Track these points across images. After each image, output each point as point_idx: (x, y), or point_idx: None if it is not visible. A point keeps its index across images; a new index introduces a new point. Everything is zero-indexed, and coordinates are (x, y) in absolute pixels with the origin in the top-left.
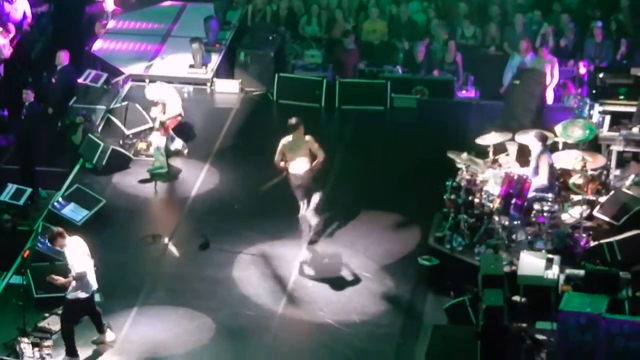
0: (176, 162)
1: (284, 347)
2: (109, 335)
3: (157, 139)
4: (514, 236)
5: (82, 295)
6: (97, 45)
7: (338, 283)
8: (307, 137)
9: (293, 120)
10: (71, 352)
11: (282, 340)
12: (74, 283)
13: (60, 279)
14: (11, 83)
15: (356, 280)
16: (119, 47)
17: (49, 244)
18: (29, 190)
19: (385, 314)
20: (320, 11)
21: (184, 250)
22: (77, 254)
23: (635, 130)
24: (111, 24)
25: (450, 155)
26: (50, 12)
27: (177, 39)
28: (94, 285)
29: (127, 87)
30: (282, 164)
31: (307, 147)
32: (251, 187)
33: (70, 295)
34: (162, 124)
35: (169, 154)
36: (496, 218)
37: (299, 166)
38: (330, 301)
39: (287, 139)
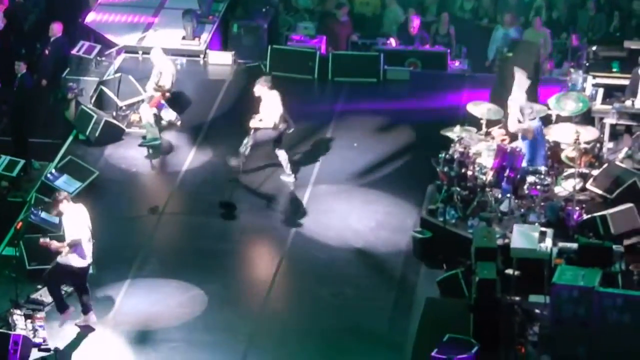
0: (169, 134)
1: (276, 319)
2: (92, 317)
3: (146, 111)
4: (506, 208)
5: (75, 263)
6: (90, 17)
7: (331, 255)
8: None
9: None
10: (61, 306)
11: (274, 312)
12: (67, 249)
13: (54, 242)
14: (4, 55)
15: (349, 252)
16: (112, 19)
17: (48, 211)
18: (22, 161)
19: (378, 287)
20: None
21: (176, 223)
22: (76, 221)
23: (628, 103)
24: None
25: (444, 132)
26: None
27: (170, 10)
28: (89, 257)
29: (120, 58)
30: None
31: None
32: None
33: (62, 259)
34: (156, 91)
35: (161, 126)
36: (489, 190)
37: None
38: (323, 273)
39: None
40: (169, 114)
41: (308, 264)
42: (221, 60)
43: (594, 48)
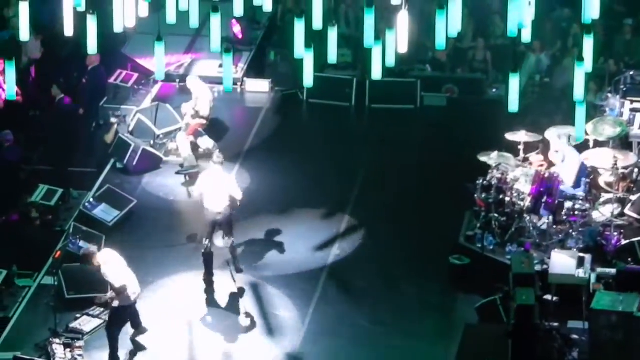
0: (207, 162)
1: (315, 347)
2: (143, 329)
3: (184, 140)
4: (545, 235)
5: (126, 302)
6: (128, 45)
7: (369, 282)
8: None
9: None
10: (113, 357)
11: (313, 340)
12: (117, 295)
13: (104, 298)
14: (43, 83)
15: (387, 279)
16: (150, 47)
17: (84, 263)
18: (61, 190)
19: (417, 313)
20: (347, 10)
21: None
22: (114, 267)
23: None
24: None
25: (481, 157)
26: None
27: (206, 38)
28: (137, 291)
29: (157, 87)
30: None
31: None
32: (281, 186)
33: (115, 305)
34: (193, 118)
35: (198, 154)
36: (527, 217)
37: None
38: (361, 300)
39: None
40: (206, 142)
41: (345, 291)
42: (258, 88)
43: (631, 73)
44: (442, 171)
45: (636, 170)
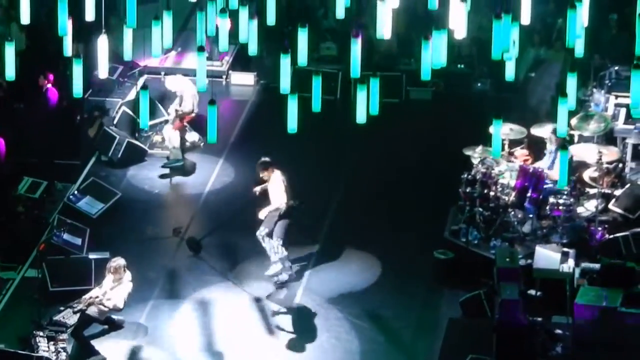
0: (192, 155)
1: (299, 341)
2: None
3: (171, 133)
4: (528, 229)
5: (98, 317)
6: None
7: (353, 276)
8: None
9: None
10: (90, 350)
11: (296, 334)
12: (105, 309)
13: (92, 300)
14: (28, 75)
15: (371, 273)
16: (135, 39)
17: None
18: (45, 183)
19: (401, 307)
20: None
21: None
22: (124, 291)
23: None
24: None
25: (466, 151)
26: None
27: (192, 32)
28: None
29: (142, 79)
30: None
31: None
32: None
33: (92, 311)
34: (178, 117)
35: (184, 147)
36: (512, 211)
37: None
38: (345, 295)
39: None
40: (192, 136)
41: (330, 284)
42: (244, 81)
43: (616, 68)
44: (427, 165)
45: (620, 165)
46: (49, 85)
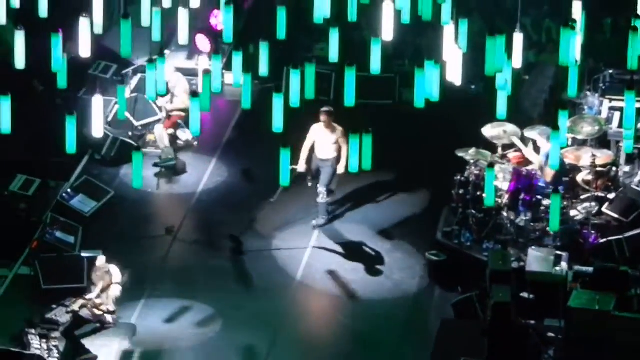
0: (185, 155)
1: (291, 340)
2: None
3: (161, 132)
4: (521, 232)
5: (89, 318)
6: (107, 37)
7: (345, 278)
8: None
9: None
10: (80, 348)
11: (288, 333)
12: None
13: (96, 311)
14: (21, 74)
15: (364, 274)
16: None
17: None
18: (38, 181)
19: (393, 309)
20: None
21: (191, 243)
22: (116, 292)
23: None
24: None
25: (459, 153)
26: None
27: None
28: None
29: (136, 78)
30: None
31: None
32: (258, 179)
33: (84, 312)
34: (167, 116)
35: (177, 146)
36: (504, 214)
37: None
38: (337, 295)
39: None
40: (185, 134)
41: (322, 285)
42: None
43: (610, 71)
44: (420, 167)
45: (614, 168)
46: (42, 88)
